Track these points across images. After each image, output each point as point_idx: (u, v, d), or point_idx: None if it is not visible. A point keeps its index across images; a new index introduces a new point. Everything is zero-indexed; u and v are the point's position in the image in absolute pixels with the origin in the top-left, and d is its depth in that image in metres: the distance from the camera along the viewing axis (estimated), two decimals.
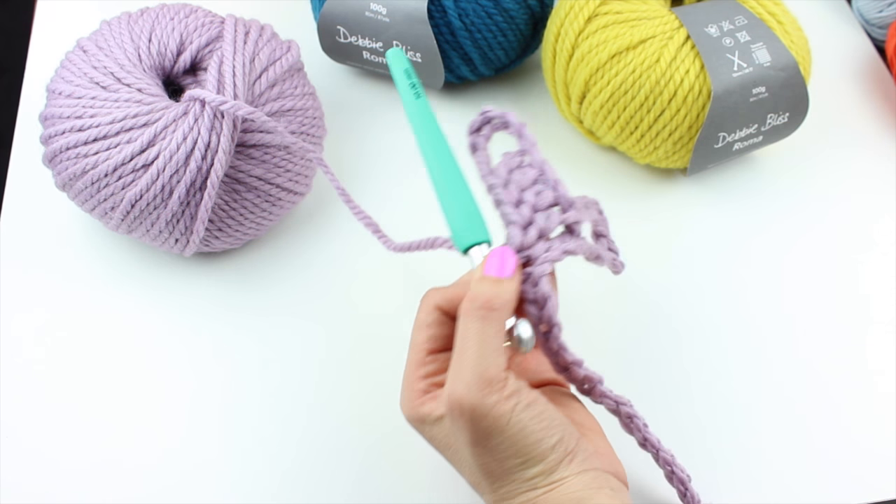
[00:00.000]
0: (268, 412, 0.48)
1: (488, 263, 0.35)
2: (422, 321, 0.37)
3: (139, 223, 0.47)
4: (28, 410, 0.47)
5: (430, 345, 0.37)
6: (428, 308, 0.37)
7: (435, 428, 0.35)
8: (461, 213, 0.37)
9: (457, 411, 0.33)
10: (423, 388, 0.36)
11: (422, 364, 0.37)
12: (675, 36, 0.51)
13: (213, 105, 0.45)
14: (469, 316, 0.34)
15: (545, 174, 0.37)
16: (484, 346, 0.33)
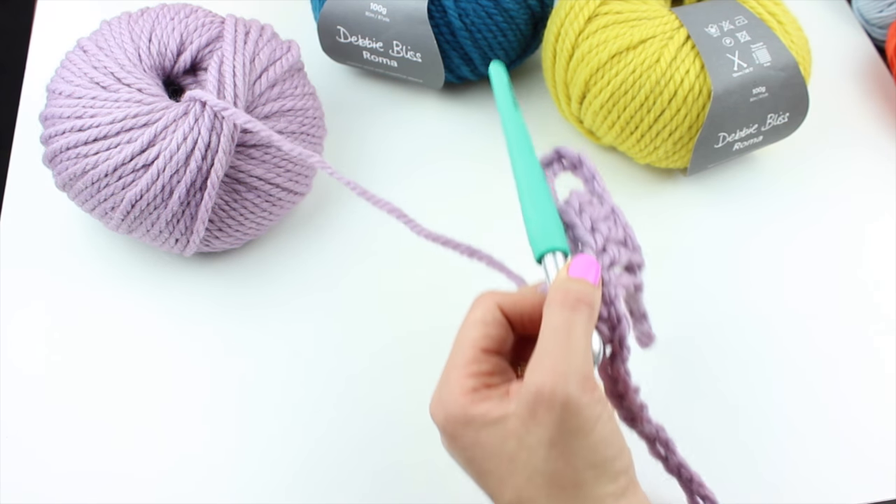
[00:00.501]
0: (269, 411, 0.48)
1: (575, 265, 0.34)
2: (479, 318, 0.35)
3: (139, 223, 0.47)
4: (28, 411, 0.47)
5: (485, 343, 0.34)
6: (488, 305, 0.35)
7: (485, 431, 0.32)
8: (543, 221, 0.36)
9: (545, 405, 0.30)
10: (473, 385, 0.33)
11: (473, 361, 0.34)
12: (676, 36, 0.51)
13: (215, 109, 0.45)
14: (564, 306, 0.32)
15: (616, 215, 0.37)
16: (578, 340, 0.31)
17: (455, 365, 0.34)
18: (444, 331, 0.50)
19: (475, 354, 0.34)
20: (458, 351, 0.34)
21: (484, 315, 0.35)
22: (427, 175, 0.58)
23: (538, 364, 0.31)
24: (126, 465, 0.46)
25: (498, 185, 0.58)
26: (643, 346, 0.45)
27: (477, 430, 0.32)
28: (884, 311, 0.52)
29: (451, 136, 0.60)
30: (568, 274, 0.33)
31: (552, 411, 0.30)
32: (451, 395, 0.33)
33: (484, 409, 0.32)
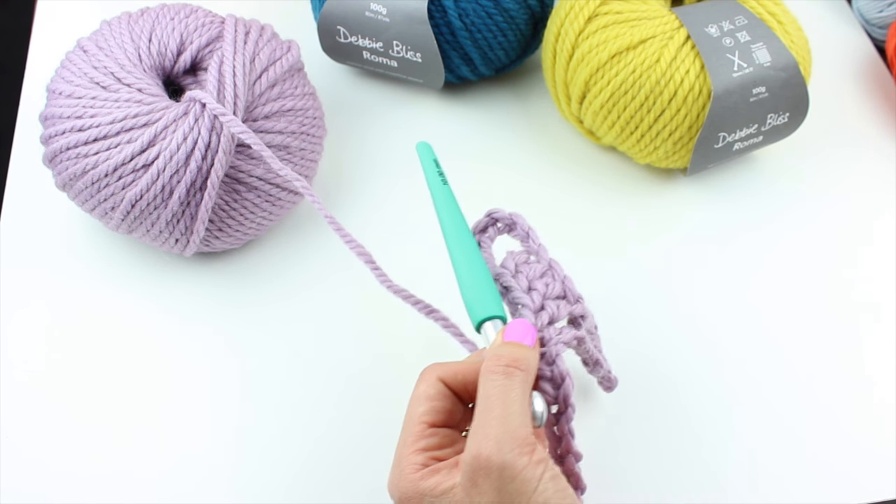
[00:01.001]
0: (269, 410, 0.48)
1: (510, 331, 0.35)
2: (422, 393, 0.36)
3: (139, 223, 0.47)
4: (28, 410, 0.47)
5: (430, 417, 0.35)
6: (431, 380, 0.36)
7: (436, 502, 0.33)
8: (478, 289, 0.38)
9: (483, 472, 0.31)
10: (421, 461, 0.34)
11: (420, 437, 0.35)
12: (676, 36, 0.51)
13: (214, 113, 0.45)
14: (495, 373, 0.33)
15: (553, 270, 0.38)
16: (512, 405, 0.33)
17: (405, 443, 0.35)
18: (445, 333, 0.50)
19: (422, 430, 0.35)
20: (407, 427, 0.35)
21: (426, 390, 0.36)
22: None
23: (475, 433, 0.32)
24: (126, 465, 0.46)
25: (498, 184, 0.58)
26: (607, 391, 0.45)
27: (433, 501, 0.33)
28: (884, 311, 0.52)
29: (451, 136, 0.60)
30: (503, 339, 0.35)
31: (490, 477, 0.31)
32: (402, 473, 0.34)
33: (433, 482, 0.33)
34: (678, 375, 0.49)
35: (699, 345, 0.51)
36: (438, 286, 0.52)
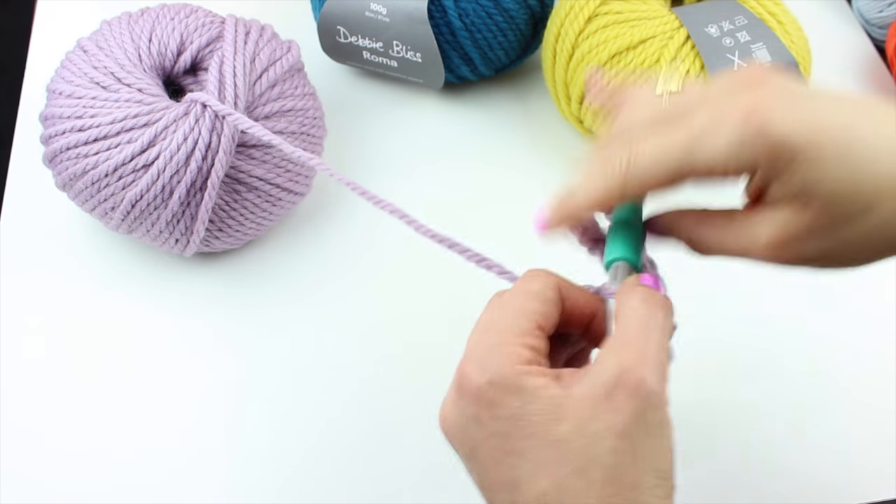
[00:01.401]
0: (268, 410, 0.48)
1: (645, 279, 0.32)
2: (538, 291, 0.31)
3: (139, 223, 0.47)
4: (28, 411, 0.47)
5: (541, 320, 0.30)
6: (548, 282, 0.31)
7: (537, 405, 0.28)
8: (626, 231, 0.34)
9: (629, 390, 0.27)
10: (528, 357, 0.29)
11: (529, 334, 0.30)
12: (676, 36, 0.51)
13: (216, 112, 0.45)
14: (654, 305, 0.30)
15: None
16: (662, 339, 0.29)
17: (505, 330, 0.30)
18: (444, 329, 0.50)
19: (532, 327, 0.30)
20: (510, 318, 0.30)
21: (544, 290, 0.31)
22: (427, 175, 0.58)
23: (621, 347, 0.28)
24: (126, 465, 0.46)
25: (498, 184, 0.58)
26: None
27: (526, 401, 0.28)
28: (883, 311, 0.52)
29: (450, 136, 0.60)
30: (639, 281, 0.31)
31: (634, 399, 0.27)
32: (501, 357, 0.29)
33: (542, 381, 0.28)
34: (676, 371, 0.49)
35: (698, 342, 0.51)
36: (440, 284, 0.52)
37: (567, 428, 0.28)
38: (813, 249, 0.30)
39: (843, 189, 0.28)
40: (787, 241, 0.30)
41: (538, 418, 0.28)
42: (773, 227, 0.30)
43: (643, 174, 0.30)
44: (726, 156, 0.29)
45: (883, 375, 0.50)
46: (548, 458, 0.28)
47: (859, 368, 0.50)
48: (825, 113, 0.28)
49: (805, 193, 0.28)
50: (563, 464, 0.28)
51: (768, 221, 0.30)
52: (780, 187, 0.29)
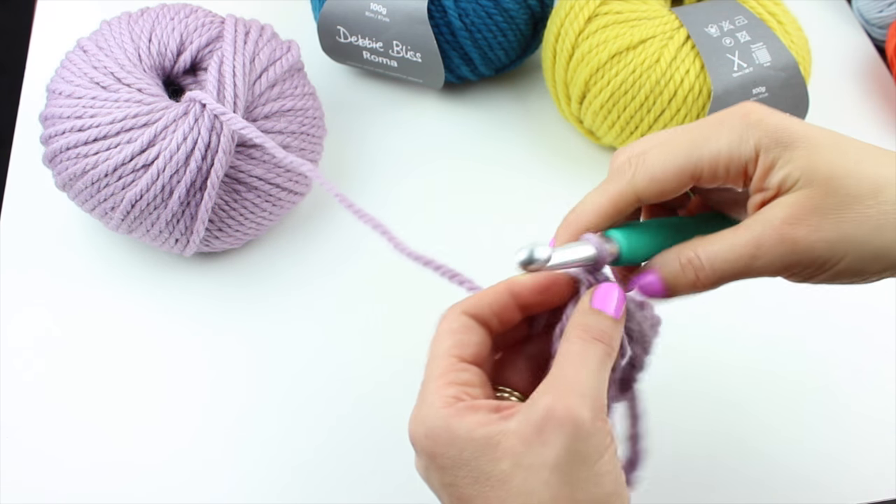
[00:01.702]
0: (269, 409, 0.48)
1: (598, 295, 0.32)
2: (445, 328, 0.32)
3: (139, 223, 0.47)
4: (28, 411, 0.47)
5: (458, 351, 0.32)
6: (452, 315, 0.33)
7: (472, 450, 0.29)
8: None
9: (555, 424, 0.28)
10: (453, 393, 0.30)
11: (450, 370, 0.31)
12: (676, 36, 0.51)
13: (214, 113, 0.45)
14: (588, 340, 0.31)
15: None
16: (601, 373, 0.30)
17: (431, 377, 0.32)
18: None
19: (450, 363, 0.32)
20: (432, 364, 0.32)
21: (450, 324, 0.33)
22: (427, 175, 0.58)
23: (552, 385, 0.30)
24: (126, 465, 0.46)
25: (498, 184, 0.58)
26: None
27: (461, 448, 0.29)
28: (883, 311, 0.52)
29: (450, 136, 0.60)
30: (589, 304, 0.32)
31: (561, 432, 0.28)
32: (430, 408, 0.30)
33: (470, 422, 0.29)
34: (676, 371, 0.49)
35: (699, 342, 0.51)
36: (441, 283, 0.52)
37: (506, 466, 0.29)
38: (829, 230, 0.30)
39: (845, 171, 0.30)
40: (801, 216, 0.30)
41: (476, 463, 0.29)
42: (785, 206, 0.31)
43: (650, 172, 0.32)
44: (729, 146, 0.31)
45: (883, 374, 0.50)
46: (493, 498, 0.29)
47: (860, 367, 0.50)
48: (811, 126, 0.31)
49: (809, 171, 0.30)
50: (508, 499, 0.29)
51: (780, 204, 0.31)
52: (783, 168, 0.31)
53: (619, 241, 0.32)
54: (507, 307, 0.33)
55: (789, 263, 0.31)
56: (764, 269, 0.31)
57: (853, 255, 0.31)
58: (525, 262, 0.30)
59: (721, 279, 0.32)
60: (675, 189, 0.32)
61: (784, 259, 0.31)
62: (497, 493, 0.29)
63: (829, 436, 0.48)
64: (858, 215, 0.30)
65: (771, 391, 0.49)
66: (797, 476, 0.46)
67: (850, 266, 0.31)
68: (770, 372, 0.50)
